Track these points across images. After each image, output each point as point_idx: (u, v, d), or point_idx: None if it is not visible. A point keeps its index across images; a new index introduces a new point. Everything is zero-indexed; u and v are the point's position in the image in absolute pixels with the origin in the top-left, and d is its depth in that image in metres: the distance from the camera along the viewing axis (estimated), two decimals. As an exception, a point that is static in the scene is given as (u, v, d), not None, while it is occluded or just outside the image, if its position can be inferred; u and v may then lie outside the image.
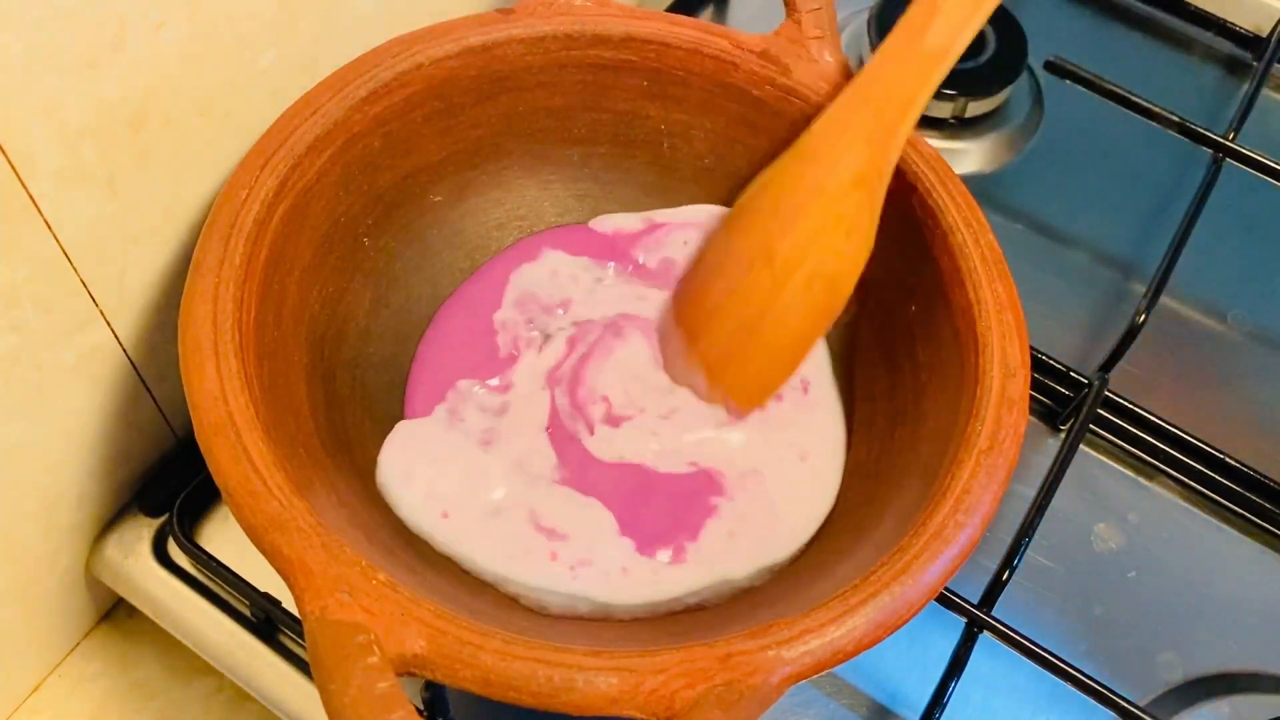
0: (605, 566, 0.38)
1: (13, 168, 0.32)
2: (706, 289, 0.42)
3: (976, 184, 0.48)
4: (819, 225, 0.40)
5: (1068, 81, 0.55)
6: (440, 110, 0.42)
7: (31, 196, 0.33)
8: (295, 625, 0.41)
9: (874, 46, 0.57)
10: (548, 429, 0.41)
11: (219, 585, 0.43)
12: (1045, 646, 0.40)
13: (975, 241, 0.39)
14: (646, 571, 0.38)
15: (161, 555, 0.44)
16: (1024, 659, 0.40)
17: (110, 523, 0.44)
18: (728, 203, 0.46)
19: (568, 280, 0.45)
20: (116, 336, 0.39)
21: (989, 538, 0.34)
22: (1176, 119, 0.53)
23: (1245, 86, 0.58)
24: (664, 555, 0.39)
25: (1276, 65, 0.60)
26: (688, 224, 0.46)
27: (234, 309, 0.34)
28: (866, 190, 0.39)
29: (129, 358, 0.40)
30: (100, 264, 0.37)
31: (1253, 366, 0.52)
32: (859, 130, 0.39)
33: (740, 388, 0.42)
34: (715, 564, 0.39)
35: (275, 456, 0.32)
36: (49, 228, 0.34)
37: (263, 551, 0.31)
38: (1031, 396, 0.42)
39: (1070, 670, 0.39)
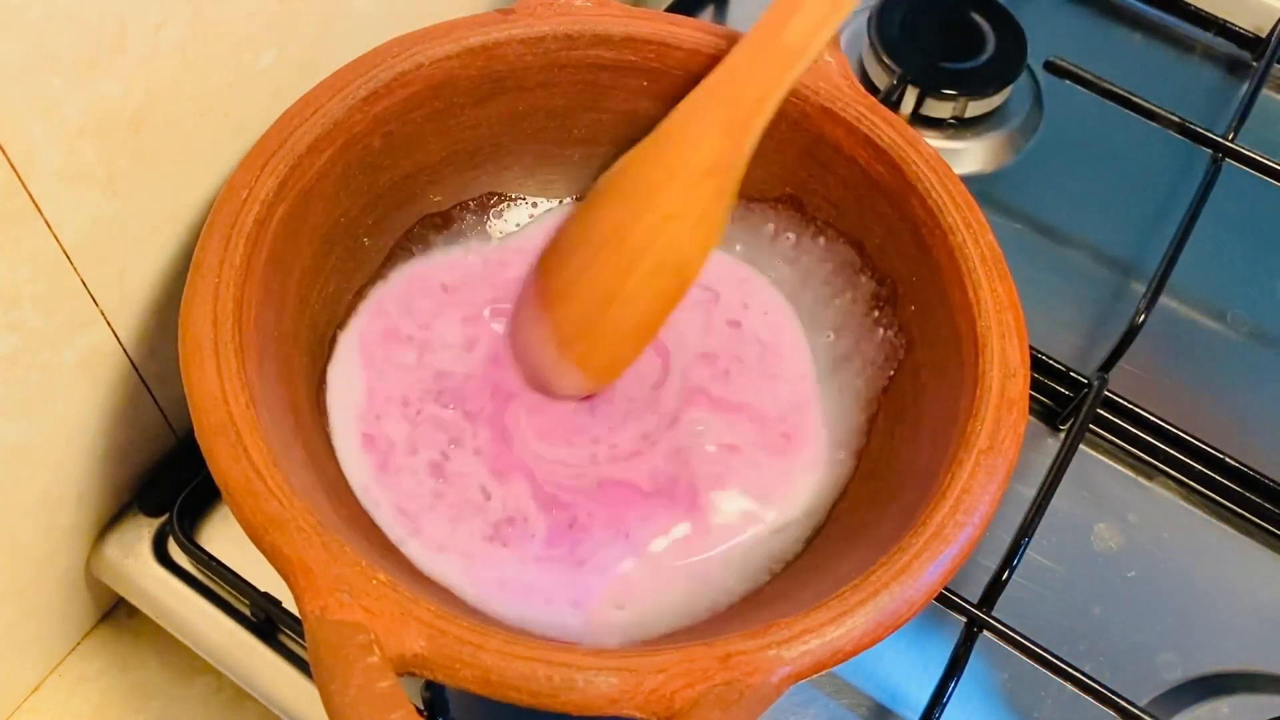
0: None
1: (13, 168, 0.32)
2: (562, 265, 0.43)
3: (976, 184, 0.48)
4: (670, 211, 0.40)
5: (1068, 81, 0.55)
6: (440, 110, 0.42)
7: (31, 196, 0.33)
8: (295, 625, 0.41)
9: (873, 47, 0.57)
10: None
11: (219, 585, 0.43)
12: (1045, 646, 0.40)
13: (975, 241, 0.39)
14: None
15: (161, 555, 0.44)
16: (1024, 659, 0.40)
17: (110, 523, 0.44)
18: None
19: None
20: (116, 336, 0.39)
21: (989, 538, 0.34)
22: (1176, 119, 0.54)
23: (1245, 86, 0.58)
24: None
25: (1276, 65, 0.60)
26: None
27: (234, 309, 0.34)
28: (719, 180, 0.40)
29: (129, 358, 0.40)
30: (100, 264, 0.37)
31: (1253, 366, 0.52)
32: (714, 121, 0.40)
33: (589, 362, 0.42)
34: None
35: (275, 456, 0.32)
36: (49, 228, 0.34)
37: (263, 551, 0.31)
38: (1031, 396, 0.42)
39: (1070, 670, 0.39)
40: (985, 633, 0.41)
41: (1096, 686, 0.39)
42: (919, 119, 0.57)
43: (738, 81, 0.41)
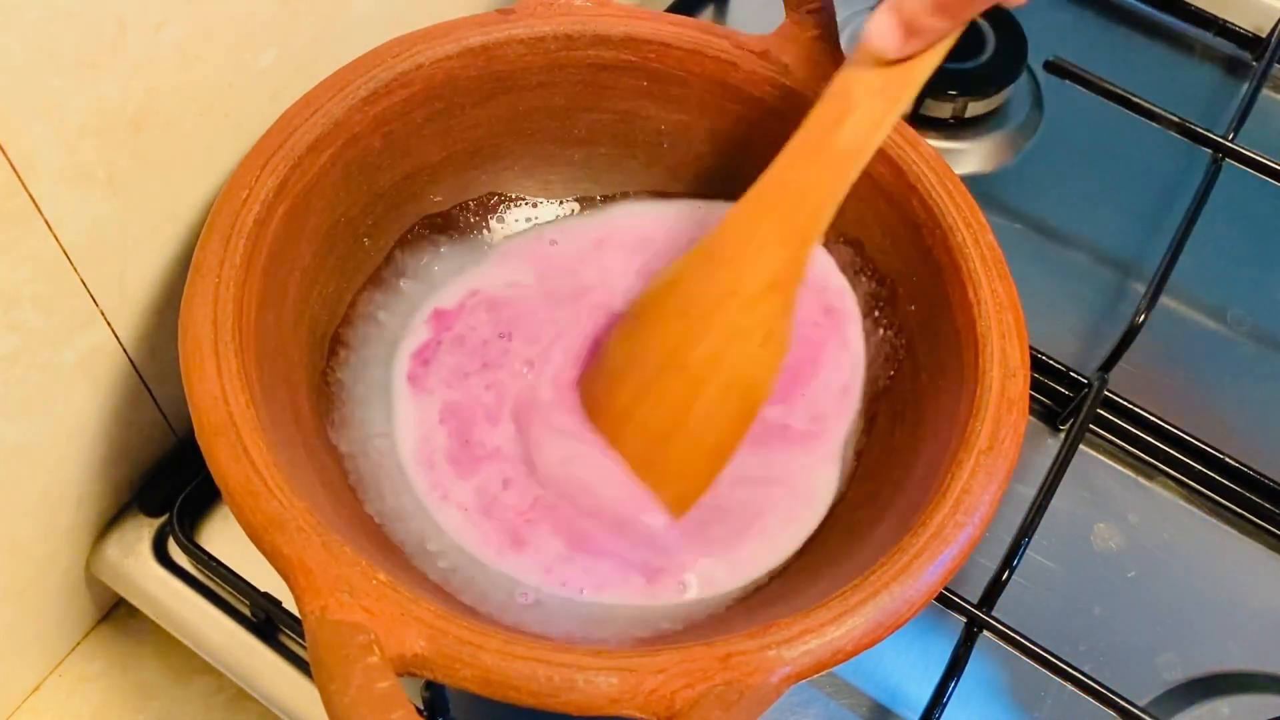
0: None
1: (13, 168, 0.32)
2: (616, 389, 0.40)
3: (976, 184, 0.48)
4: (733, 332, 0.38)
5: (1067, 81, 0.55)
6: (440, 110, 0.42)
7: (31, 196, 0.33)
8: (295, 625, 0.41)
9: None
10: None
11: (219, 585, 0.43)
12: (1045, 646, 0.40)
13: (975, 241, 0.39)
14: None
15: (162, 555, 0.44)
16: (1024, 659, 0.40)
17: (110, 523, 0.44)
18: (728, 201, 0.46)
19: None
20: (116, 336, 0.39)
21: (989, 538, 0.34)
22: (1176, 119, 0.54)
23: (1245, 86, 0.58)
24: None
25: (1276, 65, 0.60)
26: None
27: (234, 309, 0.34)
28: (781, 294, 0.38)
29: (129, 358, 0.40)
30: (100, 264, 0.37)
31: (1253, 366, 0.52)
32: (771, 233, 0.38)
33: (665, 491, 0.39)
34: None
35: (275, 456, 0.32)
36: (49, 228, 0.34)
37: (263, 551, 0.31)
38: (1031, 396, 0.42)
39: (1070, 670, 0.39)
40: (985, 633, 0.41)
41: (1096, 686, 0.39)
42: (919, 119, 0.57)
43: (793, 190, 0.38)
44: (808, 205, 0.37)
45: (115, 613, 0.47)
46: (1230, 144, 0.53)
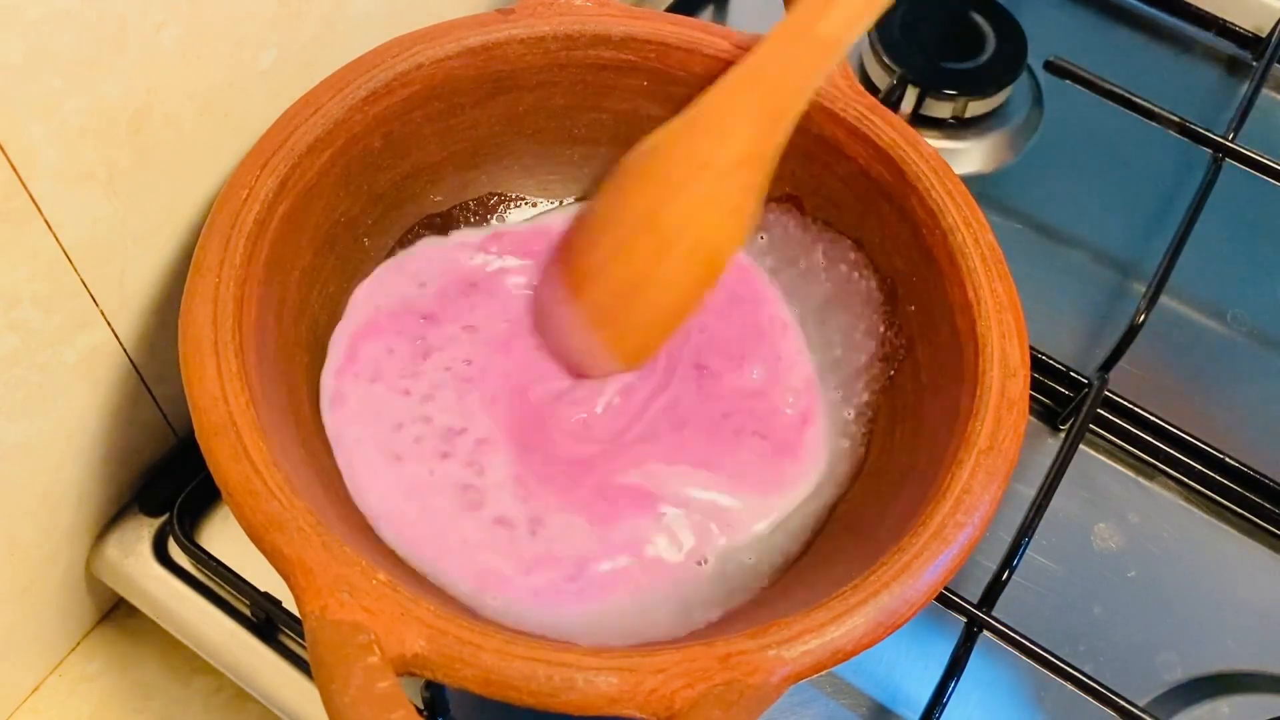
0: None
1: (13, 168, 0.32)
2: (592, 246, 0.43)
3: (976, 184, 0.48)
4: (704, 199, 0.40)
5: (1068, 81, 0.55)
6: (440, 110, 0.42)
7: (31, 196, 0.33)
8: (295, 625, 0.41)
9: (873, 47, 0.57)
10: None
11: (219, 585, 0.43)
12: (1045, 646, 0.40)
13: (975, 241, 0.39)
14: None
15: (162, 555, 0.44)
16: (1024, 658, 0.40)
17: (110, 522, 0.44)
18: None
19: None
20: (117, 336, 0.39)
21: (989, 538, 0.34)
22: (1176, 119, 0.54)
23: (1245, 86, 0.58)
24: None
25: (1276, 65, 0.60)
26: None
27: (234, 309, 0.34)
28: (751, 170, 0.40)
29: (129, 358, 0.40)
30: (100, 264, 0.37)
31: (1253, 366, 0.52)
32: (748, 111, 0.40)
33: (621, 345, 0.42)
34: None
35: (275, 456, 0.32)
36: (49, 228, 0.34)
37: (263, 551, 0.31)
38: (1031, 396, 0.42)
39: (1070, 670, 0.39)
40: (985, 633, 0.41)
41: (1096, 686, 0.39)
42: (919, 119, 0.57)
43: (772, 71, 0.40)
44: (785, 87, 0.40)
45: (115, 613, 0.47)
46: (1230, 144, 0.53)
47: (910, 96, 0.56)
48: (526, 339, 0.43)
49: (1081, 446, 0.48)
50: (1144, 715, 0.39)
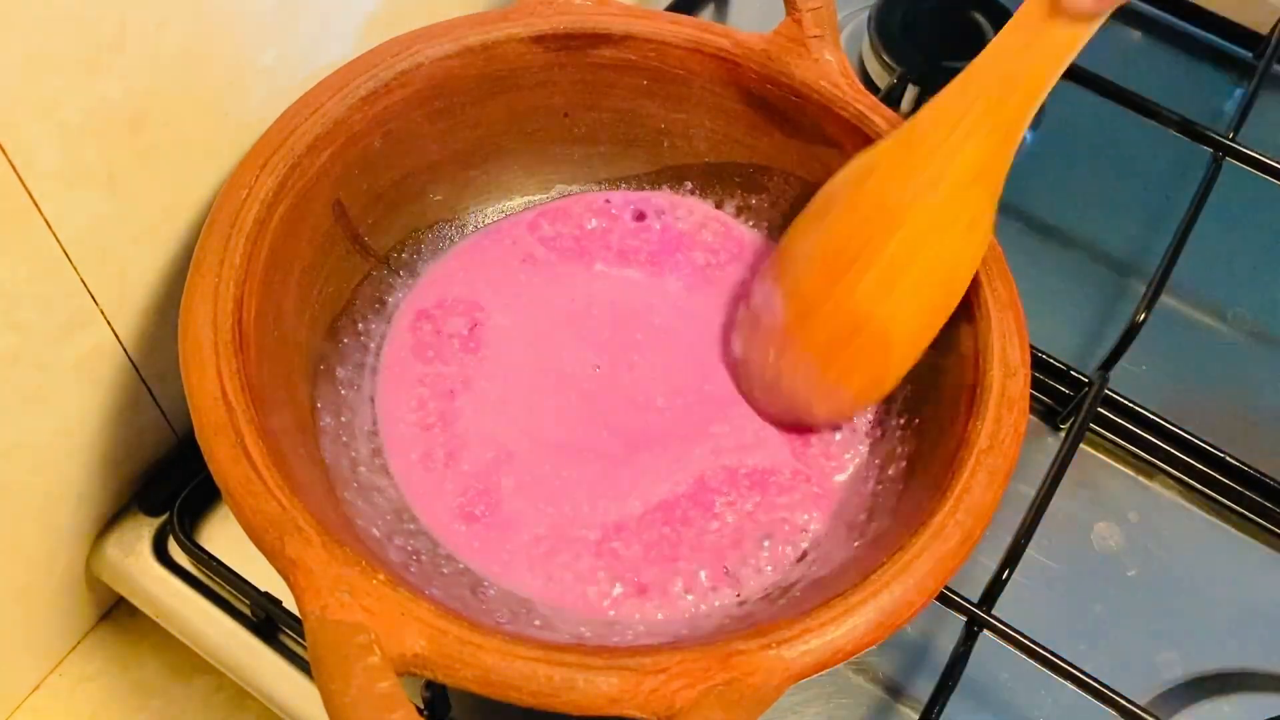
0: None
1: (13, 167, 0.32)
2: (803, 284, 0.41)
3: (976, 183, 0.48)
4: (933, 223, 0.38)
5: (1068, 80, 0.55)
6: (440, 110, 0.42)
7: (31, 196, 0.33)
8: (295, 624, 0.41)
9: (873, 46, 0.57)
10: None
11: (219, 585, 0.43)
12: (1045, 645, 0.40)
13: (975, 241, 0.39)
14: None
15: (162, 555, 0.44)
16: (1024, 658, 0.40)
17: (110, 522, 0.44)
18: (725, 200, 0.46)
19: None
20: (117, 336, 0.39)
21: (989, 537, 0.34)
22: (1176, 118, 0.53)
23: (1245, 86, 0.58)
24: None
25: (1276, 65, 0.60)
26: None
27: (234, 309, 0.34)
28: (987, 184, 0.38)
29: (129, 357, 0.40)
30: (100, 263, 0.37)
31: (1253, 366, 0.52)
32: (980, 119, 0.37)
33: (849, 383, 0.40)
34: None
35: (275, 456, 0.32)
36: (49, 227, 0.34)
37: (263, 551, 0.31)
38: (1032, 395, 0.42)
39: (1070, 669, 0.39)
40: (985, 632, 0.41)
41: (1096, 686, 0.39)
42: (919, 118, 0.57)
43: (1002, 78, 0.37)
44: (1018, 93, 0.37)
45: (115, 612, 0.47)
46: (1230, 143, 0.53)
47: (910, 95, 0.56)
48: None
49: (1082, 446, 0.48)
50: (1144, 714, 0.39)
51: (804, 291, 0.40)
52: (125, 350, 0.40)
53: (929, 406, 0.40)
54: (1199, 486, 0.48)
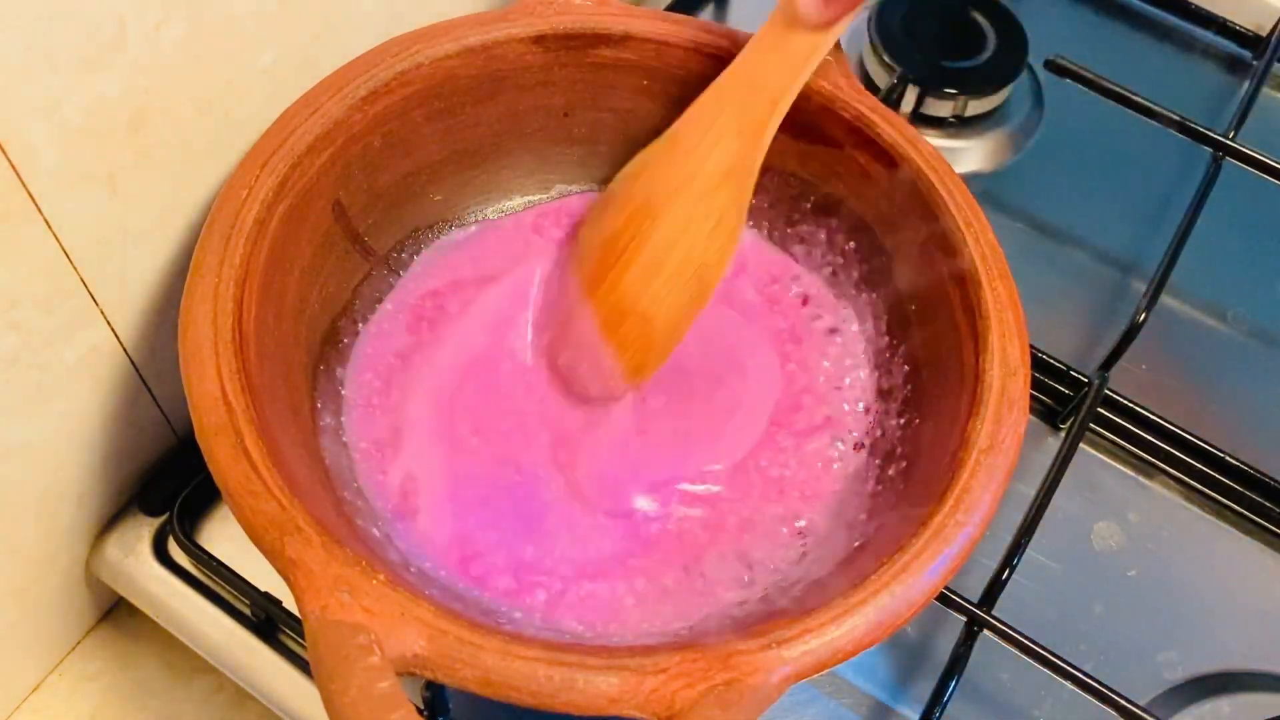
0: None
1: (13, 167, 0.32)
2: (590, 263, 0.43)
3: (976, 183, 0.48)
4: (687, 219, 0.41)
5: (1068, 81, 0.55)
6: (440, 110, 0.42)
7: (31, 196, 0.33)
8: (295, 624, 0.41)
9: (873, 46, 0.57)
10: None
11: (219, 584, 0.43)
12: (1045, 645, 0.40)
13: (975, 241, 0.39)
14: None
15: (162, 555, 0.44)
16: (1024, 658, 0.40)
17: (110, 522, 0.44)
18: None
19: None
20: (117, 336, 0.39)
21: (989, 537, 0.34)
22: (1176, 118, 0.53)
23: (1245, 86, 0.58)
24: None
25: (1276, 65, 0.60)
26: None
27: (234, 309, 0.34)
28: (734, 185, 0.40)
29: (129, 357, 0.40)
30: (100, 264, 0.37)
31: (1253, 366, 0.52)
32: (728, 123, 0.40)
33: (624, 354, 0.42)
34: None
35: (275, 456, 0.32)
36: (49, 227, 0.34)
37: (263, 551, 0.31)
38: (1032, 395, 0.42)
39: (1070, 669, 0.39)
40: (985, 632, 0.41)
41: (1097, 686, 0.39)
42: (919, 118, 0.57)
43: (750, 83, 0.40)
44: (763, 98, 0.40)
45: (115, 612, 0.47)
46: (1230, 143, 0.53)
47: (910, 95, 0.56)
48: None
49: (1081, 446, 0.48)
50: (1144, 714, 0.39)
51: (586, 275, 0.43)
52: (125, 350, 0.40)
53: (929, 406, 0.40)
54: (1199, 486, 0.48)
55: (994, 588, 0.42)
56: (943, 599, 0.40)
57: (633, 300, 0.41)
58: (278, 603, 0.42)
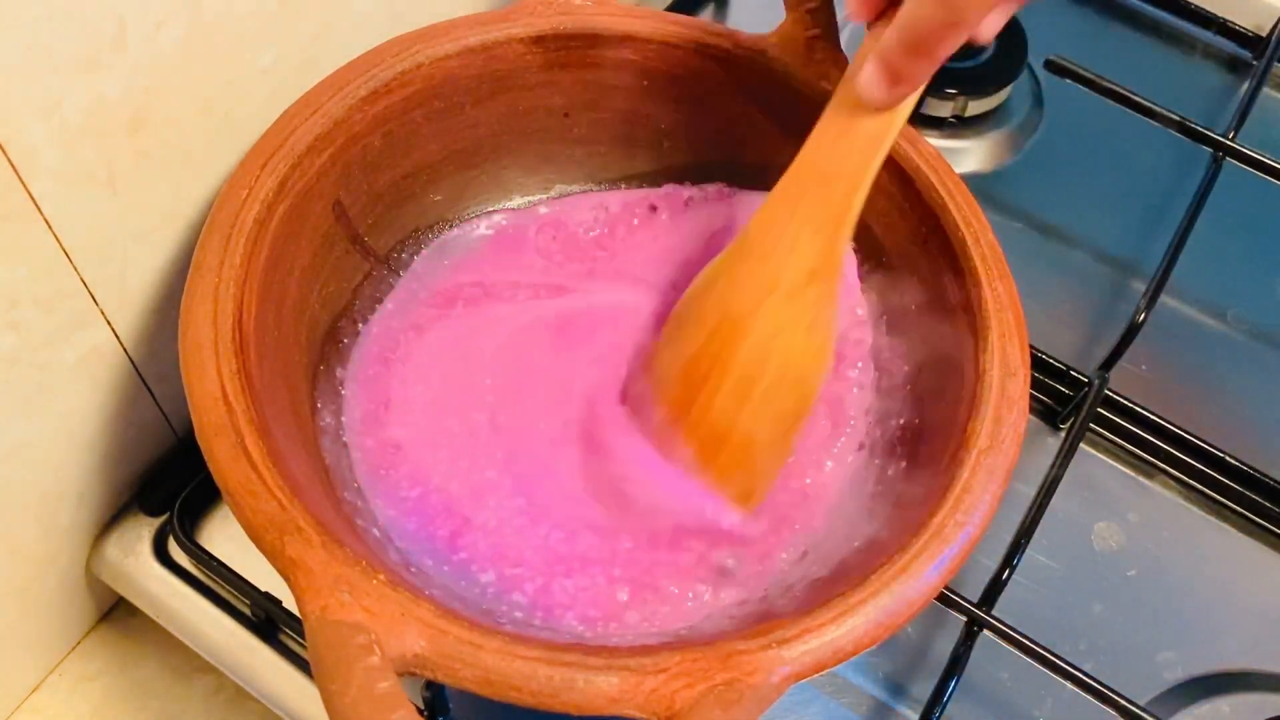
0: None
1: (13, 167, 0.32)
2: (664, 396, 0.40)
3: (976, 184, 0.48)
4: (776, 328, 0.38)
5: (1068, 81, 0.55)
6: (440, 110, 0.42)
7: (31, 196, 0.33)
8: (296, 624, 0.41)
9: (874, 46, 0.57)
10: None
11: (219, 584, 0.43)
12: (1045, 645, 0.40)
13: (975, 241, 0.39)
14: None
15: (162, 554, 0.44)
16: (1024, 658, 0.40)
17: (110, 522, 0.44)
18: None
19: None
20: (117, 336, 0.39)
21: (989, 537, 0.34)
22: (1176, 118, 0.54)
23: (1245, 86, 0.58)
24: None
25: (1276, 65, 0.60)
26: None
27: (234, 309, 0.34)
28: (821, 283, 0.37)
29: (129, 357, 0.40)
30: (100, 264, 0.37)
31: (1253, 366, 0.52)
32: (805, 222, 0.37)
33: (730, 490, 0.39)
34: None
35: (275, 456, 0.32)
36: (49, 227, 0.34)
37: (263, 551, 0.31)
38: (1031, 395, 0.42)
39: (1070, 669, 0.39)
40: (985, 632, 0.41)
41: (1097, 685, 0.39)
42: (919, 118, 0.57)
43: (821, 177, 0.37)
44: (839, 189, 0.36)
45: (115, 612, 0.47)
46: (1230, 143, 0.53)
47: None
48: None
49: (1081, 446, 0.48)
50: (1144, 714, 0.39)
51: (670, 400, 0.40)
52: (125, 350, 0.40)
53: (929, 407, 0.40)
54: (1199, 486, 0.48)
55: (994, 588, 0.42)
56: (943, 599, 0.40)
57: (729, 423, 0.38)
58: (278, 603, 0.42)
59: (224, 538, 0.44)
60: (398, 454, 0.40)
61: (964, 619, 0.41)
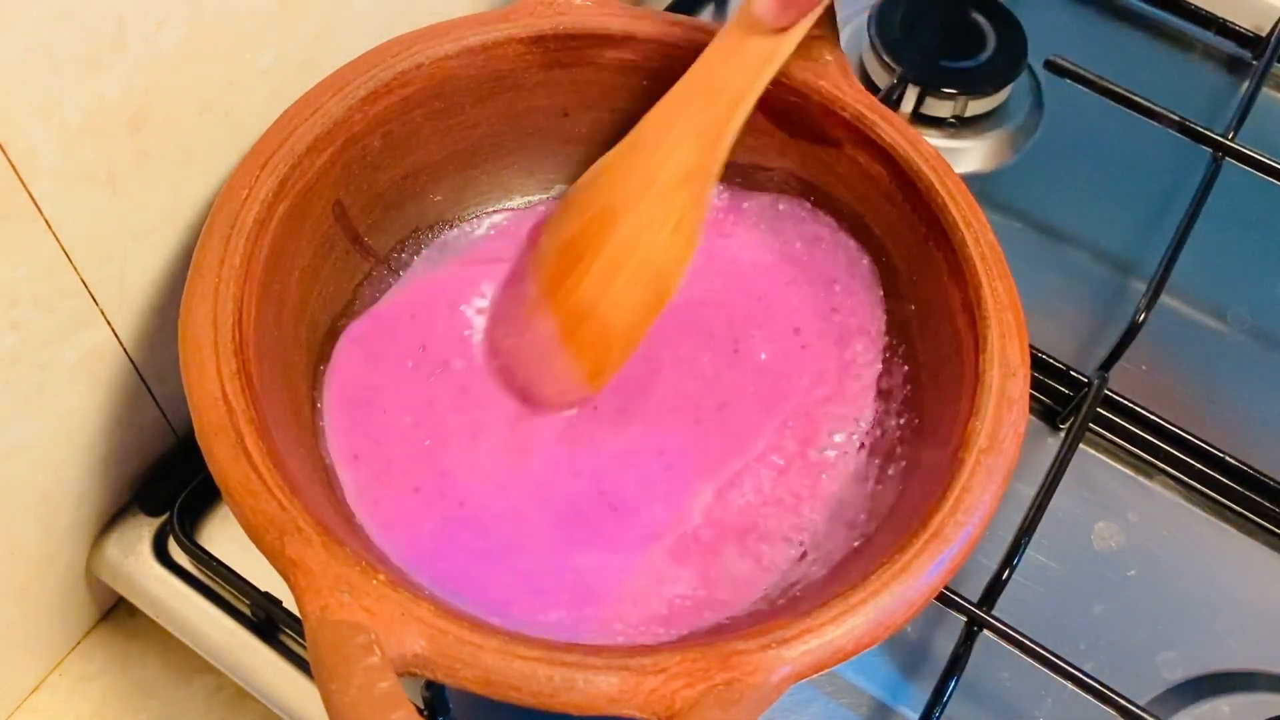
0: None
1: (13, 167, 0.32)
2: (549, 267, 0.43)
3: (976, 183, 0.48)
4: (647, 221, 0.40)
5: (1068, 81, 0.55)
6: (440, 110, 0.42)
7: (31, 196, 0.33)
8: (296, 624, 0.41)
9: (873, 46, 0.57)
10: None
11: (219, 584, 0.43)
12: (1045, 645, 0.40)
13: (975, 241, 0.39)
14: None
15: (162, 554, 0.44)
16: (1024, 658, 0.40)
17: (110, 522, 0.44)
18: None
19: None
20: (117, 336, 0.39)
21: (989, 537, 0.34)
22: (1176, 118, 0.53)
23: (1245, 86, 0.58)
24: None
25: (1276, 65, 0.60)
26: None
27: (234, 309, 0.34)
28: (693, 188, 0.40)
29: (129, 357, 0.40)
30: (100, 264, 0.37)
31: (1253, 366, 0.52)
32: (688, 126, 0.40)
33: (582, 359, 0.42)
34: None
35: (275, 456, 0.32)
36: (49, 227, 0.34)
37: (263, 551, 0.31)
38: (1031, 395, 0.42)
39: (1070, 669, 0.39)
40: (985, 632, 0.41)
41: (1097, 686, 0.39)
42: (919, 118, 0.57)
43: (709, 87, 0.40)
44: (723, 101, 0.39)
45: (115, 612, 0.47)
46: (1230, 143, 0.53)
47: (910, 95, 0.56)
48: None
49: (1081, 446, 0.48)
50: (1144, 714, 0.39)
51: (545, 278, 0.43)
52: (125, 350, 0.40)
53: (929, 406, 0.40)
54: (1199, 486, 0.48)
55: (994, 588, 0.42)
56: (943, 599, 0.40)
57: (591, 303, 0.41)
58: (278, 603, 0.42)
59: (224, 538, 0.44)
60: None
61: (964, 619, 0.41)
